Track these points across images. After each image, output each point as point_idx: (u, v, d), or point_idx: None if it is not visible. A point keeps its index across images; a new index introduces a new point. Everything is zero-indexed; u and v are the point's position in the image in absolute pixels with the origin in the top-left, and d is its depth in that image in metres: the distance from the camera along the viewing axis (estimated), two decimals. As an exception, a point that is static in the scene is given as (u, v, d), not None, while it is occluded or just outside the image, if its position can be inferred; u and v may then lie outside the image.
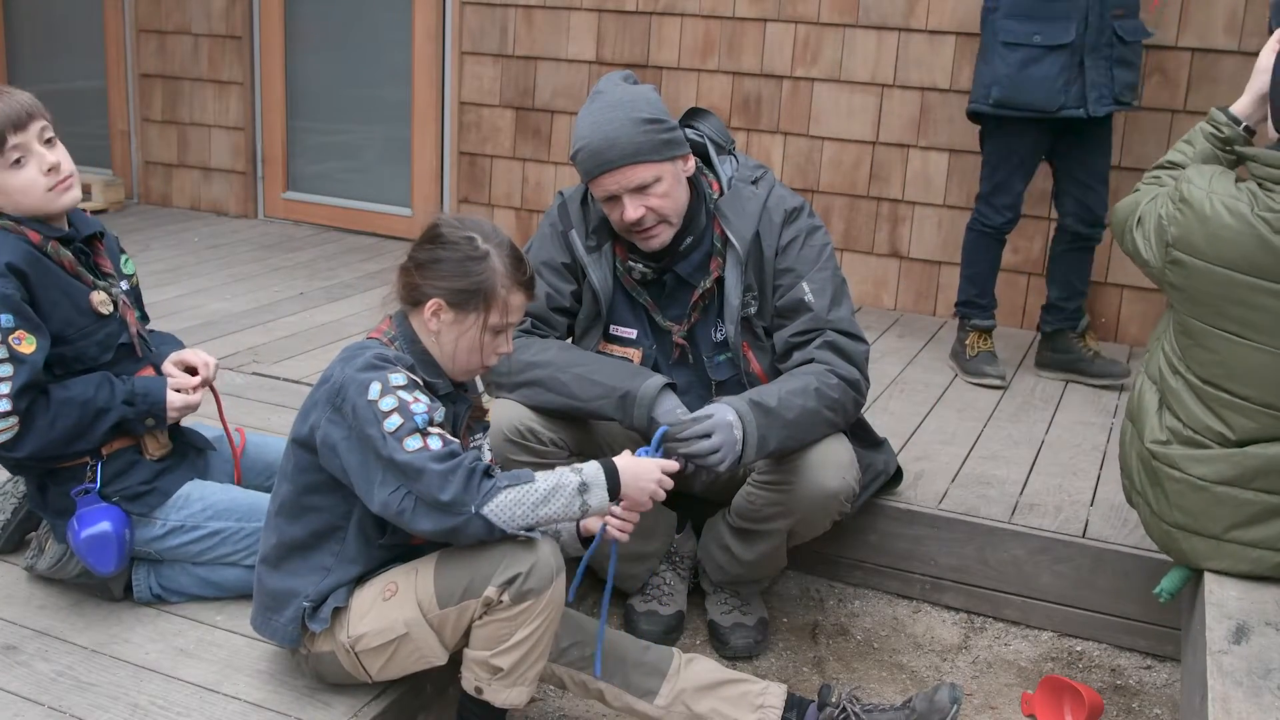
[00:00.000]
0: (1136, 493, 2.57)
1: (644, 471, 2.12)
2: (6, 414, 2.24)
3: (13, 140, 2.26)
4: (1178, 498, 2.43)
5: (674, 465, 2.18)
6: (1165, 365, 2.48)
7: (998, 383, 3.96)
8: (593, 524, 2.23)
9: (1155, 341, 2.55)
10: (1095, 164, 3.90)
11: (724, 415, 2.37)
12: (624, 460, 2.12)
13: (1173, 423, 2.45)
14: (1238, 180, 2.35)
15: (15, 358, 2.23)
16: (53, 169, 2.30)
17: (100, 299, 2.37)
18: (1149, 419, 2.50)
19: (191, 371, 2.51)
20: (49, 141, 2.32)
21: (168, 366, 2.49)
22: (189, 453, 2.55)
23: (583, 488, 2.03)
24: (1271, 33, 2.46)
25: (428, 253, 2.12)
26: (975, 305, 4.06)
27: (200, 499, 2.46)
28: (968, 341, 4.07)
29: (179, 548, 2.44)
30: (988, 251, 4.01)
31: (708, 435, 2.34)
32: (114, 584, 2.46)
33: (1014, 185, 3.88)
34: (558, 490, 2.01)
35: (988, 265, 4.05)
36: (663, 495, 2.15)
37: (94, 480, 2.37)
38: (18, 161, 2.27)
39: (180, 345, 2.60)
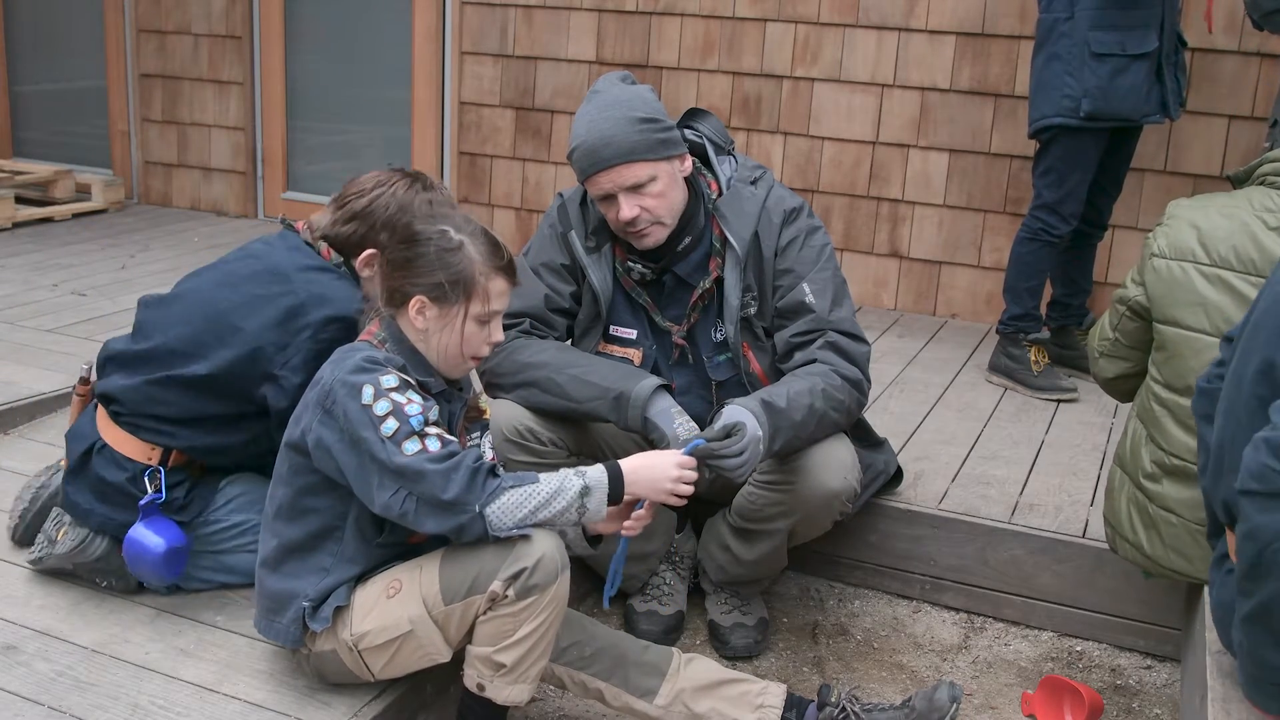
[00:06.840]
0: (1124, 539, 2.54)
1: (660, 471, 2.10)
2: None
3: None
4: (1173, 540, 2.41)
5: (692, 461, 2.15)
6: (1149, 396, 2.46)
7: (1074, 395, 3.88)
8: (602, 524, 2.20)
9: (1143, 385, 2.53)
10: (1120, 169, 3.91)
11: (754, 430, 2.31)
12: (635, 461, 2.11)
13: (1156, 453, 2.43)
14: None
15: None
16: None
17: None
18: (1139, 457, 2.48)
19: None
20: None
21: None
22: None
23: (584, 491, 2.03)
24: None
25: (402, 252, 2.12)
26: (1032, 318, 3.95)
27: (224, 494, 2.49)
28: (1033, 357, 3.94)
29: (199, 536, 2.47)
30: (1049, 261, 3.92)
31: (741, 453, 2.28)
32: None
33: (1081, 192, 3.80)
34: (560, 493, 2.02)
35: (1047, 276, 3.98)
36: (686, 490, 2.12)
37: (159, 491, 2.38)
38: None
39: None
